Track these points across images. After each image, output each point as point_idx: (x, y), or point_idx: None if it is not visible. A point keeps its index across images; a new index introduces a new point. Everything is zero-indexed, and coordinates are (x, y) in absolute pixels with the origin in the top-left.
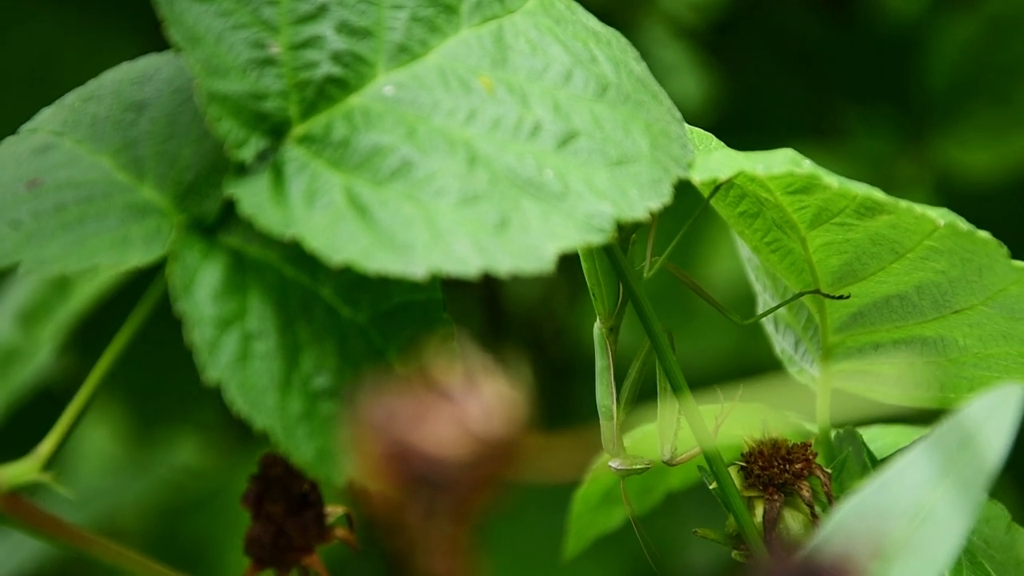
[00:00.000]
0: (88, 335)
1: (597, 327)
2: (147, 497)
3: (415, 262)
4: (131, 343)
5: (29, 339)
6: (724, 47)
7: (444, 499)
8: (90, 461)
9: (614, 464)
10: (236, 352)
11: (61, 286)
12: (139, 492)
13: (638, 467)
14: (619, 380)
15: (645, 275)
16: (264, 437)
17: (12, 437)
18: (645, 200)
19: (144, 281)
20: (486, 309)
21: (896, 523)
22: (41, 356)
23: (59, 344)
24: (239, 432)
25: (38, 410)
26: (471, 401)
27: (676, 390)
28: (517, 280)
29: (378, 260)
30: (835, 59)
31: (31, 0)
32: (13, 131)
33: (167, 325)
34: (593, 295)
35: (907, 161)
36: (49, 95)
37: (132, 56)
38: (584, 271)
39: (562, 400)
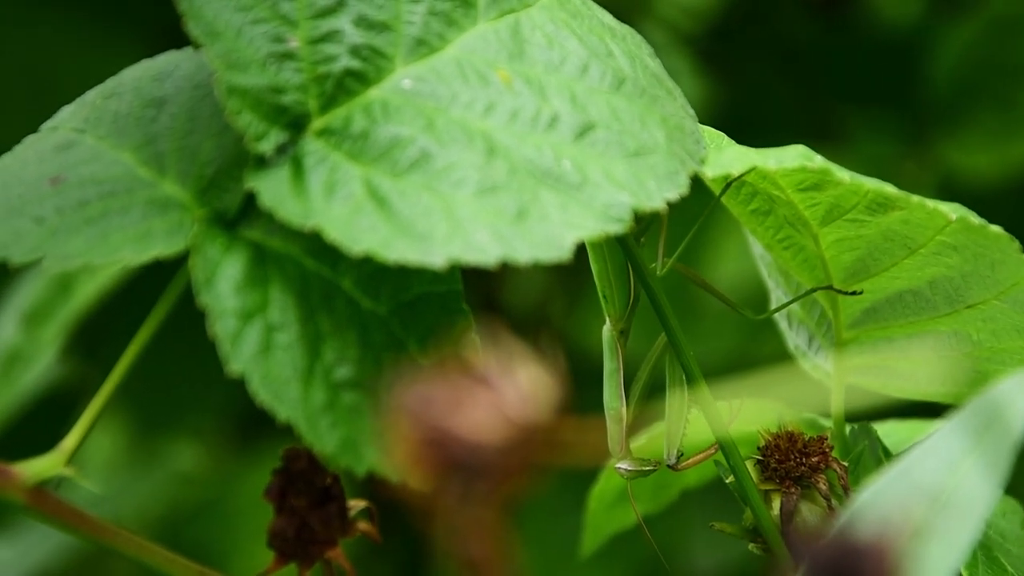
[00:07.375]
0: (92, 341)
1: (607, 329)
2: (148, 504)
3: (434, 251)
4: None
5: (32, 340)
6: (722, 53)
7: (480, 484)
8: (91, 468)
9: (621, 466)
10: (259, 344)
11: (64, 287)
12: (140, 499)
13: (646, 469)
14: (627, 382)
15: (658, 273)
16: (269, 439)
17: (16, 441)
18: (663, 191)
19: (143, 286)
20: (483, 314)
21: (920, 505)
22: (44, 358)
23: (61, 345)
24: (238, 440)
25: (43, 415)
26: (507, 386)
27: (692, 383)
28: (515, 285)
29: (397, 250)
30: (835, 63)
31: (32, 3)
32: (14, 133)
33: (166, 332)
34: (604, 297)
35: (910, 165)
36: (50, 99)
37: (134, 60)
38: (595, 273)
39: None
